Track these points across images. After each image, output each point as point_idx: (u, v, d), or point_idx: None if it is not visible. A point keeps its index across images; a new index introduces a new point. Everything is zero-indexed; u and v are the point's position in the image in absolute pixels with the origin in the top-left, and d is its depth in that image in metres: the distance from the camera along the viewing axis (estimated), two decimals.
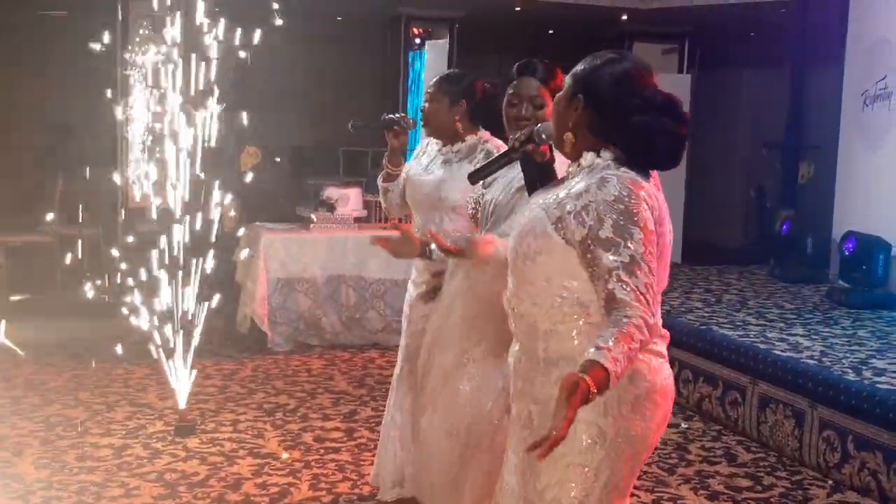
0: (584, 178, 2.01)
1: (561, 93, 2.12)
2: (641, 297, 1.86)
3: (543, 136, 2.24)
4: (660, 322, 1.98)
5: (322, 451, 4.29)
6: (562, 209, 1.98)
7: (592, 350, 1.81)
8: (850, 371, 4.37)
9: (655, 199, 1.99)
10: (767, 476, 4.18)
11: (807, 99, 8.64)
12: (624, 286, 1.86)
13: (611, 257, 1.88)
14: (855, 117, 7.45)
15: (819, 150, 8.87)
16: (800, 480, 4.14)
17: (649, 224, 1.92)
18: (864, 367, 4.45)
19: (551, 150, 2.27)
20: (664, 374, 2.06)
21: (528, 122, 2.77)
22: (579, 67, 2.09)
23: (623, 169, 1.98)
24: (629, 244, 1.88)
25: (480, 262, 2.68)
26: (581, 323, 2.02)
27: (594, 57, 2.09)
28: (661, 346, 2.07)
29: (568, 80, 2.11)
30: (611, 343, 1.80)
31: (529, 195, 2.30)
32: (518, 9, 9.51)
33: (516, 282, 2.12)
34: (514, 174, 2.65)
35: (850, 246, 6.58)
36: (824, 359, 4.62)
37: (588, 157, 2.04)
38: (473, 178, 2.51)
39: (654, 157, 2.03)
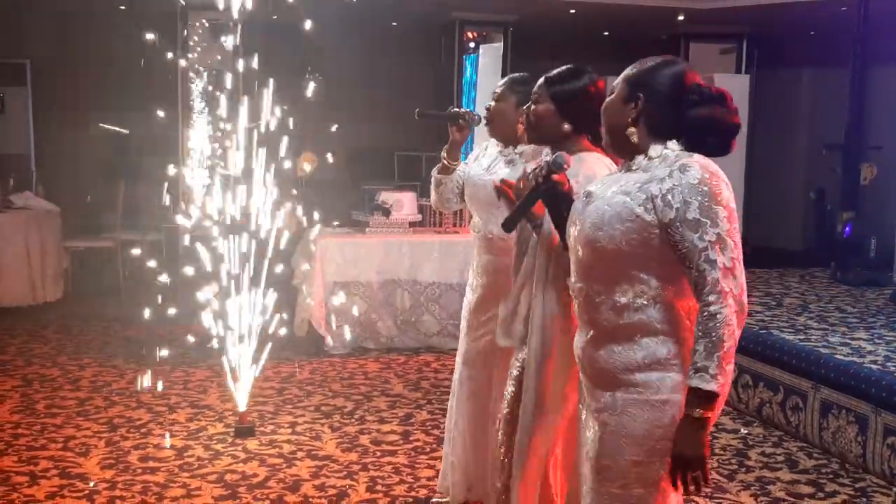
0: (659, 166, 2.11)
1: (613, 96, 2.24)
2: (729, 273, 2.00)
3: (564, 165, 2.37)
4: None
5: (379, 453, 4.32)
6: (646, 192, 2.08)
7: (692, 373, 2.00)
8: None
9: (727, 178, 2.12)
10: (830, 483, 4.10)
11: (868, 98, 8.46)
12: (713, 265, 2.00)
13: (699, 238, 2.01)
14: None
15: (881, 151, 8.69)
16: (863, 488, 4.05)
17: (731, 202, 2.05)
18: None
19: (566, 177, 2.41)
20: None
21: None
22: (633, 70, 2.22)
23: (696, 155, 2.11)
24: (717, 223, 2.01)
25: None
26: (660, 303, 2.10)
27: (645, 60, 2.23)
28: None
29: (620, 82, 2.23)
30: (704, 360, 1.98)
31: (558, 224, 2.42)
32: (572, 11, 9.47)
33: (595, 269, 2.17)
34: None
35: None
36: (888, 363, 4.52)
37: (657, 149, 2.15)
38: (507, 225, 2.48)
39: (710, 147, 2.15)
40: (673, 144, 2.14)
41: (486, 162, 3.41)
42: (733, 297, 2.00)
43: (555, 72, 2.84)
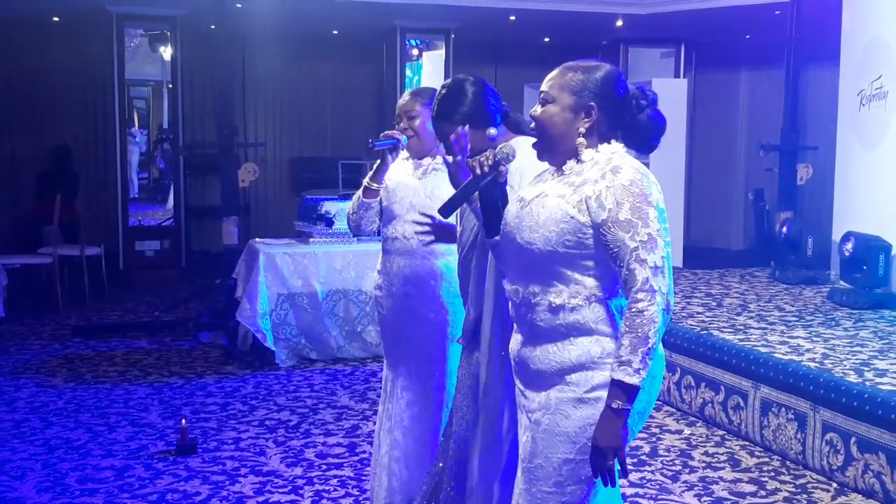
0: (591, 169, 2.15)
1: (554, 106, 2.20)
2: (658, 272, 2.05)
3: (511, 157, 2.33)
4: None
5: (324, 466, 4.28)
6: (581, 194, 2.12)
7: (616, 366, 2.04)
8: (851, 373, 4.35)
9: (656, 180, 2.17)
10: (771, 481, 4.16)
11: (804, 100, 8.65)
12: (643, 264, 2.04)
13: (630, 238, 2.06)
14: (852, 117, 7.44)
15: (817, 151, 8.87)
16: (804, 484, 4.12)
17: (661, 203, 2.11)
18: (865, 369, 4.43)
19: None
20: None
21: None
22: (573, 78, 2.20)
23: (627, 156, 2.16)
24: (647, 223, 2.06)
25: None
26: (594, 303, 2.14)
27: (578, 67, 2.22)
28: None
29: (563, 92, 2.20)
30: (629, 354, 2.02)
31: (488, 215, 2.38)
32: (512, 18, 9.52)
33: (530, 270, 2.19)
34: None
35: (851, 246, 6.56)
36: (826, 361, 4.60)
37: (588, 153, 2.19)
38: (445, 211, 2.47)
39: (652, 146, 2.24)
40: (604, 147, 2.19)
41: (411, 168, 3.43)
42: (661, 295, 2.04)
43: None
